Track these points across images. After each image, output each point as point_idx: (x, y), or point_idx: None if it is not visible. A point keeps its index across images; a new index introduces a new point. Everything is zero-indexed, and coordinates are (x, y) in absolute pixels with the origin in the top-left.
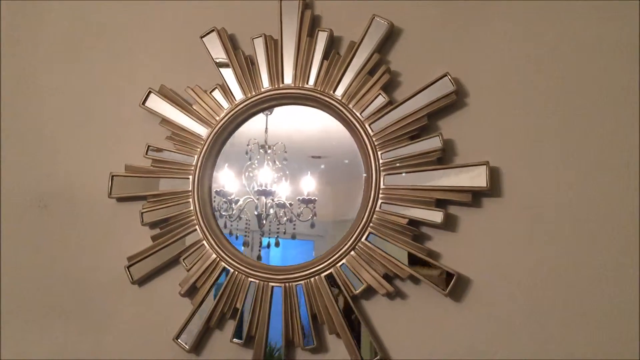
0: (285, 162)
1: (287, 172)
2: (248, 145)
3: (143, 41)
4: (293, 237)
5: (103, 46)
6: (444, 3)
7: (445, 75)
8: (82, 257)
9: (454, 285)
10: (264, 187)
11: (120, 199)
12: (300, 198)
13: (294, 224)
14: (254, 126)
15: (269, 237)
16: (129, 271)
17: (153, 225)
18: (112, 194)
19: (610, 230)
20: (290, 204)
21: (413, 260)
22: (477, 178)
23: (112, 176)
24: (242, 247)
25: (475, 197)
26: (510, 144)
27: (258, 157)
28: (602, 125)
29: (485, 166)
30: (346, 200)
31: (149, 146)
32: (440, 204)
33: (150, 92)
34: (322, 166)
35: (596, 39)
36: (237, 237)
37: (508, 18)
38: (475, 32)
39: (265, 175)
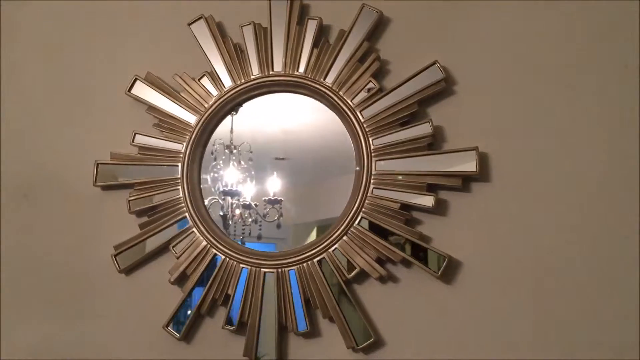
0: (250, 163)
1: (253, 173)
2: (213, 145)
3: (129, 28)
4: (259, 237)
5: (88, 32)
6: None
7: (434, 63)
8: (67, 247)
9: (445, 267)
10: (229, 188)
11: (106, 187)
12: (266, 199)
13: (260, 225)
14: (219, 126)
15: (234, 239)
16: (116, 260)
17: (140, 213)
18: (97, 182)
19: (599, 213)
20: (256, 205)
21: (405, 244)
22: (466, 163)
23: (97, 164)
24: None
25: (464, 181)
26: (498, 130)
27: (223, 157)
28: (590, 110)
29: (474, 151)
30: (312, 202)
31: (135, 133)
32: (431, 188)
33: (136, 79)
34: (288, 167)
35: (585, 24)
36: None
37: (496, 5)
38: (463, 20)
39: (231, 175)
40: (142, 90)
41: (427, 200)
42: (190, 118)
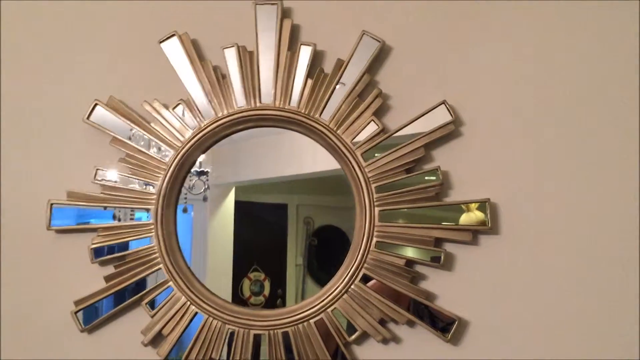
0: None
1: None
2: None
3: (89, 45)
4: (184, 211)
5: (41, 48)
6: (437, 21)
7: (442, 103)
8: (17, 302)
9: (455, 331)
10: None
11: (62, 232)
12: (193, 171)
13: (185, 197)
14: None
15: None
16: (77, 317)
17: (105, 262)
18: (51, 226)
19: (611, 267)
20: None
21: (412, 304)
22: (477, 216)
23: (51, 204)
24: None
25: (473, 234)
26: (507, 178)
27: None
28: (603, 159)
29: (486, 203)
30: (233, 163)
31: (97, 169)
32: (438, 241)
33: (96, 104)
34: None
35: (599, 65)
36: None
37: (506, 39)
38: (470, 53)
39: None
40: (104, 118)
41: (436, 257)
42: (164, 154)
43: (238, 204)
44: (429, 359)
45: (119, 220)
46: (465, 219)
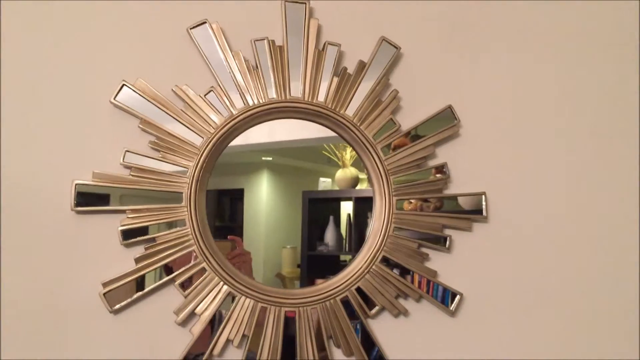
0: None
1: None
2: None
3: (119, 29)
4: None
5: (70, 32)
6: (446, 28)
7: (448, 107)
8: (42, 284)
9: (457, 304)
10: None
11: (87, 212)
12: None
13: None
14: None
15: None
16: (105, 298)
17: (134, 244)
18: (75, 207)
19: (594, 248)
20: None
21: (420, 282)
22: (475, 206)
23: (76, 184)
24: None
25: None
26: (496, 172)
27: None
28: (587, 155)
29: (483, 196)
30: None
31: (126, 151)
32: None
33: (123, 85)
34: None
35: (596, 74)
36: None
37: (509, 49)
38: (475, 59)
39: None
40: (131, 100)
41: (443, 241)
42: (195, 138)
43: None
44: (433, 330)
45: None
46: (340, 174)
